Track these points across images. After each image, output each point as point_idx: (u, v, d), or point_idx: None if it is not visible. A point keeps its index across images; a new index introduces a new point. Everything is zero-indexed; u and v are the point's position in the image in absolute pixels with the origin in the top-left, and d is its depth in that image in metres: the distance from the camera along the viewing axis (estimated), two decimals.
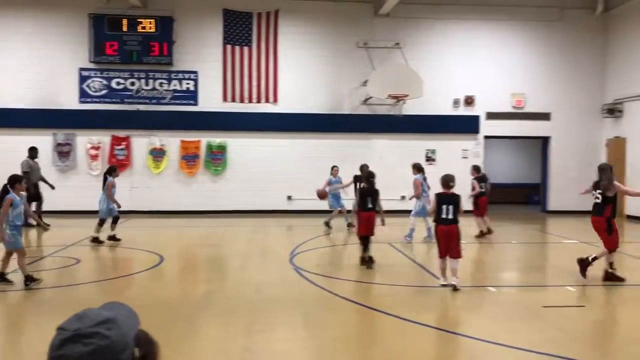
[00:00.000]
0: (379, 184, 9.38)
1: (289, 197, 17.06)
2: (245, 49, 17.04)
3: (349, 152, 17.26)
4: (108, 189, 11.16)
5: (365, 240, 9.10)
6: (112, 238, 11.27)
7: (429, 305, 6.97)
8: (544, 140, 18.43)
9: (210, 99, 17.00)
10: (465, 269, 8.91)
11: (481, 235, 12.21)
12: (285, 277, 8.38)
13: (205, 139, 17.01)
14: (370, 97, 16.75)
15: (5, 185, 7.61)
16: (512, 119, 17.83)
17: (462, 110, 17.74)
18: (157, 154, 16.90)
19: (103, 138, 16.73)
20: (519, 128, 17.93)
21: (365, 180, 9.40)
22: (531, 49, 17.92)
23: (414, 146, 17.49)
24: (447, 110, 17.68)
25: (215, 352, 5.32)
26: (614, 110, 17.28)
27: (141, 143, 16.89)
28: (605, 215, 8.10)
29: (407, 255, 10.36)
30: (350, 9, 17.46)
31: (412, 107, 16.88)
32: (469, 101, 17.71)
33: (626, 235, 13.85)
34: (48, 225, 9.48)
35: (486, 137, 17.88)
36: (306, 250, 10.74)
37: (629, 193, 9.23)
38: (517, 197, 20.76)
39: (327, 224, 13.66)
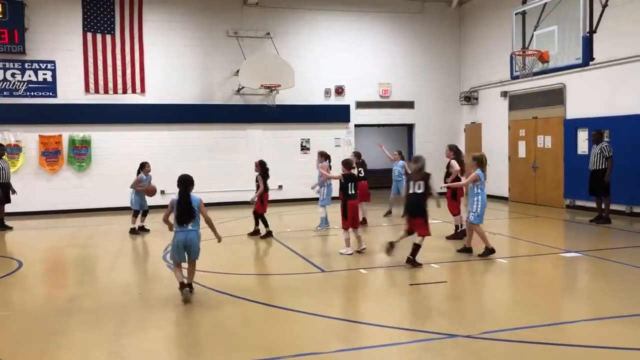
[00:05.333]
0: (255, 175, 9.35)
1: (162, 192, 16.45)
2: (108, 37, 16.14)
3: (224, 143, 17.08)
4: (135, 184, 11.76)
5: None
6: (142, 228, 12.02)
7: (302, 291, 7.10)
8: (409, 128, 19.49)
9: (71, 91, 15.93)
10: (337, 253, 9.19)
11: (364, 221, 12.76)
12: (157, 275, 8.12)
13: (67, 133, 15.92)
14: (243, 87, 16.65)
15: (183, 187, 6.82)
16: (380, 108, 18.65)
17: (333, 100, 18.22)
18: (13, 151, 15.53)
19: None
20: (386, 116, 18.81)
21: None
22: (395, 40, 18.79)
23: (289, 136, 17.72)
24: (319, 100, 18.06)
25: None
26: (470, 98, 18.67)
27: None
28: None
29: (284, 244, 10.46)
30: None
31: (285, 97, 17.02)
32: (340, 91, 18.22)
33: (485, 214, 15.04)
34: None
35: (357, 126, 18.54)
36: None
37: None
38: (387, 182, 21.67)
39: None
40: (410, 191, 8.24)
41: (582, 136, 14.11)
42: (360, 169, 12.72)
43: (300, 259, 9.09)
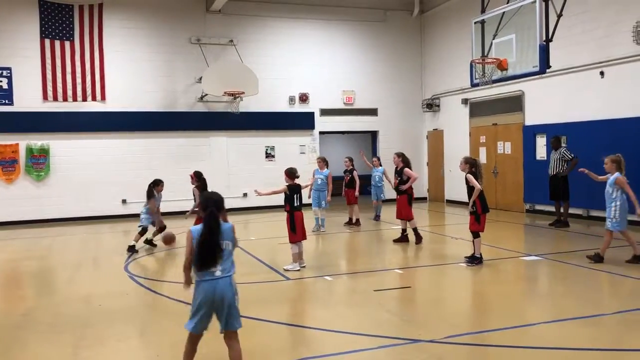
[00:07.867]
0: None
1: (124, 201, 16.19)
2: (67, 43, 15.80)
3: (188, 151, 16.87)
4: (152, 209, 10.81)
5: None
6: (150, 242, 10.96)
7: (268, 300, 7.06)
8: (373, 134, 19.65)
9: (28, 98, 15.51)
10: (306, 261, 9.17)
11: (350, 222, 13.77)
12: (119, 286, 7.95)
13: (24, 141, 15.48)
14: (206, 94, 16.51)
15: (215, 211, 4.30)
16: (344, 115, 18.76)
17: (298, 107, 18.23)
18: None
19: None
20: (350, 123, 18.93)
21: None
22: (359, 48, 18.95)
23: (254, 143, 17.66)
24: (283, 107, 18.05)
25: None
26: (432, 105, 18.94)
27: None
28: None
29: (249, 252, 10.38)
30: (180, 4, 17.02)
31: (249, 104, 16.96)
32: (304, 98, 18.25)
33: (447, 219, 15.29)
34: None
35: (321, 133, 18.59)
36: (143, 255, 10.28)
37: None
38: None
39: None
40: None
41: (541, 142, 14.46)
42: (350, 175, 13.83)
43: (266, 267, 9.04)
